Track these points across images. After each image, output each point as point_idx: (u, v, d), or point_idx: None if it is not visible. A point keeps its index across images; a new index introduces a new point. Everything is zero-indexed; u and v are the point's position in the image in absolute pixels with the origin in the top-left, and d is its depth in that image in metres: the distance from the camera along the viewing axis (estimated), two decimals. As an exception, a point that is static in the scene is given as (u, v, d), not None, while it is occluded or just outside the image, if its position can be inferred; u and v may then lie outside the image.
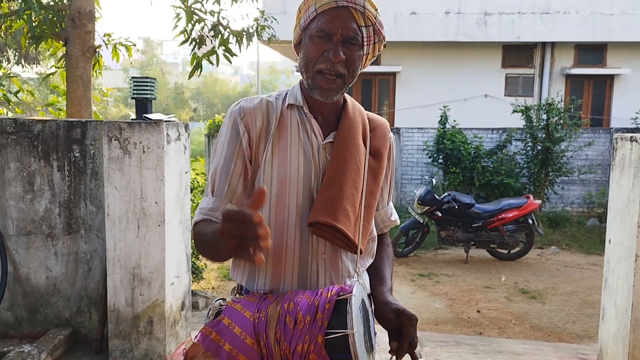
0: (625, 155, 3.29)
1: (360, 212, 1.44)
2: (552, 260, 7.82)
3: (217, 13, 5.56)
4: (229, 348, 1.29)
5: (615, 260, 3.39)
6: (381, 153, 1.53)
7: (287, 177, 1.41)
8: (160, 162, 3.27)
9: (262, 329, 1.29)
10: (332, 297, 1.29)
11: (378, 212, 1.62)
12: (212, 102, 40.36)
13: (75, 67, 4.72)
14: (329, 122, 1.49)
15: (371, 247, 1.57)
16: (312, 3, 1.40)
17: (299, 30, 1.45)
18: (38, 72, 16.34)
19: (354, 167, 1.43)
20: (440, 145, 9.91)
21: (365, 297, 1.38)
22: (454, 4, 12.06)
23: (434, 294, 6.11)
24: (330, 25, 1.37)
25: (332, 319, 1.25)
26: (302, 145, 1.44)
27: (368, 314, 1.36)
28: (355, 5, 1.38)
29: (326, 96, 1.41)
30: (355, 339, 1.22)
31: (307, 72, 1.42)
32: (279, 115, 1.46)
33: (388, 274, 1.56)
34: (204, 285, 6.10)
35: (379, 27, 1.44)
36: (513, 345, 4.29)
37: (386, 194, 1.63)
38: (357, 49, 1.40)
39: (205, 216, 1.41)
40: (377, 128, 1.56)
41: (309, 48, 1.40)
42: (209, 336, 1.33)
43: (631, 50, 12.07)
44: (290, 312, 1.29)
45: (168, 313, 3.40)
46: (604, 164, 10.67)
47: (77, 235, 3.64)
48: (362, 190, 1.45)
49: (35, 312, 3.69)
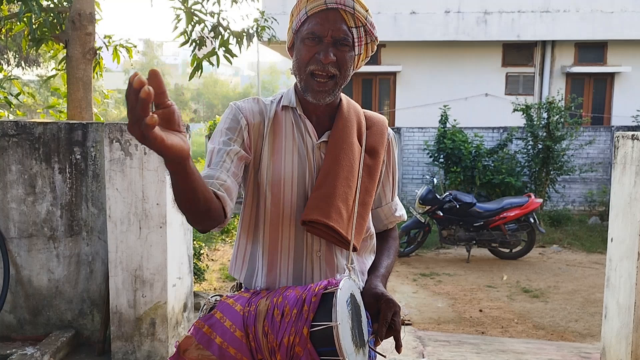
0: (626, 153, 3.29)
1: (354, 209, 1.46)
2: (553, 259, 7.82)
3: (217, 14, 5.56)
4: (220, 341, 1.33)
5: (618, 259, 3.38)
6: (377, 150, 1.55)
7: (282, 176, 1.45)
8: (161, 163, 3.27)
9: (251, 322, 1.32)
10: (319, 290, 1.31)
11: (382, 208, 1.64)
12: (212, 103, 40.39)
13: (76, 69, 4.72)
14: (324, 122, 1.52)
15: (369, 244, 1.59)
16: (303, 6, 1.43)
17: (292, 33, 1.48)
18: (39, 74, 16.35)
19: (347, 165, 1.46)
20: (440, 144, 9.90)
21: (357, 292, 1.40)
22: (454, 3, 12.05)
23: (436, 294, 6.10)
24: (320, 27, 1.40)
25: (318, 312, 1.27)
26: (297, 145, 1.48)
27: (359, 309, 1.38)
28: (345, 7, 1.40)
29: (318, 98, 1.44)
30: (340, 331, 1.23)
31: (300, 75, 1.45)
32: (272, 117, 1.49)
33: (383, 263, 1.59)
34: (206, 286, 6.10)
35: (370, 28, 1.46)
36: (515, 345, 4.29)
37: (389, 190, 1.64)
38: (348, 50, 1.43)
39: None
40: (373, 125, 1.59)
41: (300, 51, 1.44)
42: (201, 329, 1.36)
43: (631, 48, 12.06)
44: (279, 306, 1.32)
45: (170, 314, 3.40)
46: (605, 162, 10.66)
47: (78, 238, 3.65)
48: (357, 187, 1.48)
49: (37, 315, 3.69)
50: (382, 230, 1.68)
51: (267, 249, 1.46)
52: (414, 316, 5.26)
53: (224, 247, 8.31)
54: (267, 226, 1.46)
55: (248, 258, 1.52)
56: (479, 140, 10.16)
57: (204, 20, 5.55)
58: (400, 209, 1.69)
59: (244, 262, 1.52)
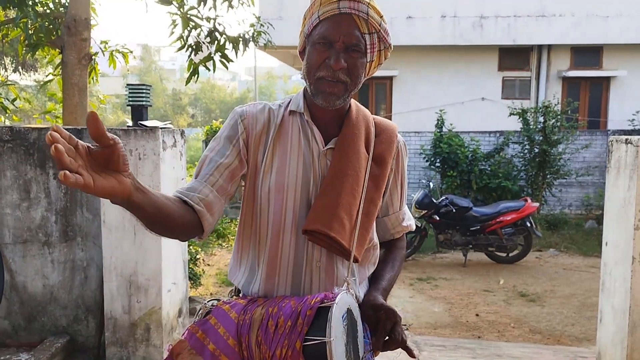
0: (620, 157, 3.30)
1: (358, 220, 1.42)
2: (550, 263, 7.82)
3: (213, 19, 5.58)
4: (213, 348, 1.31)
5: (612, 263, 3.39)
6: (385, 159, 1.51)
7: (285, 183, 1.41)
8: (156, 169, 3.27)
9: (245, 331, 1.30)
10: (315, 304, 1.28)
11: (389, 217, 1.60)
12: (209, 108, 40.37)
13: (71, 75, 4.72)
14: (332, 128, 1.48)
15: (372, 255, 1.55)
16: (316, 10, 1.39)
17: (303, 37, 1.45)
18: (36, 79, 16.35)
19: (352, 174, 1.42)
20: (437, 148, 9.92)
21: (354, 306, 1.36)
22: (450, 8, 12.09)
23: (432, 298, 6.10)
24: (332, 32, 1.36)
25: (312, 326, 1.25)
26: (302, 152, 1.44)
27: (356, 325, 1.35)
28: (358, 12, 1.36)
29: (328, 101, 1.39)
30: (333, 347, 1.20)
31: (310, 79, 1.41)
32: (279, 123, 1.46)
33: (386, 275, 1.54)
34: (202, 291, 6.09)
35: (384, 35, 1.42)
36: (512, 349, 4.29)
37: (397, 199, 1.60)
38: (359, 57, 1.39)
39: (177, 194, 1.39)
40: (382, 133, 1.54)
41: (311, 55, 1.40)
42: (195, 334, 1.34)
43: (627, 52, 12.10)
44: (273, 316, 1.29)
45: (165, 320, 3.40)
46: (601, 166, 10.67)
47: (73, 243, 3.64)
48: (361, 197, 1.44)
49: (32, 321, 3.68)
50: (388, 240, 1.63)
51: (266, 255, 1.43)
52: (410, 321, 5.25)
53: (220, 251, 8.29)
54: (268, 233, 1.43)
55: (247, 264, 1.49)
56: (475, 145, 10.17)
57: (200, 26, 5.56)
58: (409, 218, 1.65)
59: (243, 268, 1.50)
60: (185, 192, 1.38)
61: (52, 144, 0.90)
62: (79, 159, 0.96)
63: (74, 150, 0.96)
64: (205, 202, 1.36)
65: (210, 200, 1.36)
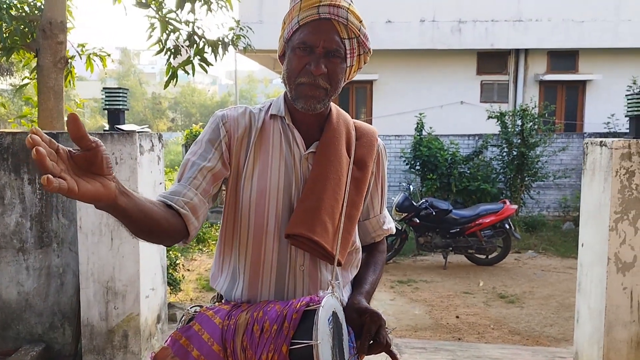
0: (595, 159, 3.35)
1: (340, 223, 1.42)
2: (529, 264, 7.91)
3: (192, 23, 5.54)
4: (197, 354, 1.29)
5: (588, 264, 3.43)
6: (366, 162, 1.51)
7: (267, 187, 1.41)
8: (133, 173, 3.24)
9: (230, 336, 1.29)
10: (301, 307, 1.28)
11: (369, 221, 1.60)
12: (190, 111, 40.13)
13: (47, 78, 4.65)
14: (313, 132, 1.48)
15: (354, 259, 1.55)
16: (295, 15, 1.39)
17: (283, 41, 1.45)
18: (12, 83, 16.10)
19: (334, 178, 1.42)
20: (417, 152, 9.98)
21: (339, 310, 1.36)
22: (429, 12, 12.19)
23: (413, 301, 6.12)
24: (312, 37, 1.36)
25: (298, 330, 1.24)
26: (284, 156, 1.43)
27: (341, 328, 1.35)
28: (338, 17, 1.36)
29: (309, 104, 1.39)
30: (320, 351, 1.20)
31: (290, 84, 1.41)
32: (260, 126, 1.46)
33: (369, 279, 1.54)
34: (182, 297, 6.03)
35: (364, 39, 1.42)
36: (491, 350, 4.32)
37: (377, 203, 1.61)
38: (339, 62, 1.39)
39: (161, 198, 1.36)
40: (363, 136, 1.55)
41: (291, 60, 1.39)
42: (178, 341, 1.32)
43: (602, 56, 12.31)
44: (259, 321, 1.28)
45: (143, 326, 3.36)
46: (578, 168, 10.83)
47: (49, 249, 3.58)
48: (343, 201, 1.44)
49: (6, 329, 3.61)
50: (369, 243, 1.63)
51: (249, 260, 1.42)
52: (391, 323, 5.26)
53: (200, 257, 8.23)
54: (250, 237, 1.42)
55: (229, 269, 1.47)
56: (454, 148, 10.26)
57: (179, 29, 5.52)
58: (389, 222, 1.66)
59: (225, 274, 1.48)
60: (169, 196, 1.35)
61: (33, 147, 0.86)
62: (61, 163, 0.93)
63: (55, 154, 0.92)
64: (190, 205, 1.34)
65: (195, 203, 1.35)
